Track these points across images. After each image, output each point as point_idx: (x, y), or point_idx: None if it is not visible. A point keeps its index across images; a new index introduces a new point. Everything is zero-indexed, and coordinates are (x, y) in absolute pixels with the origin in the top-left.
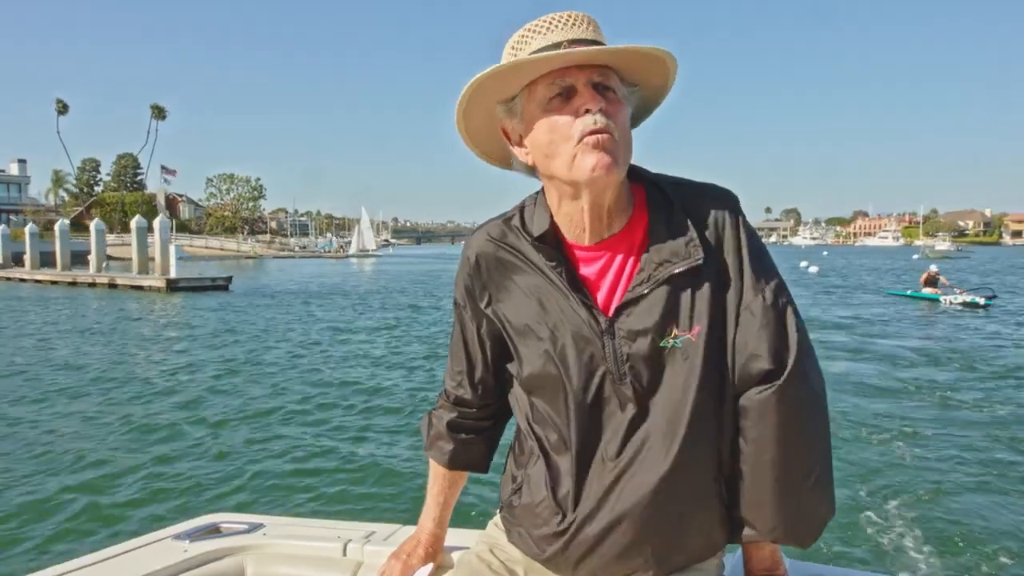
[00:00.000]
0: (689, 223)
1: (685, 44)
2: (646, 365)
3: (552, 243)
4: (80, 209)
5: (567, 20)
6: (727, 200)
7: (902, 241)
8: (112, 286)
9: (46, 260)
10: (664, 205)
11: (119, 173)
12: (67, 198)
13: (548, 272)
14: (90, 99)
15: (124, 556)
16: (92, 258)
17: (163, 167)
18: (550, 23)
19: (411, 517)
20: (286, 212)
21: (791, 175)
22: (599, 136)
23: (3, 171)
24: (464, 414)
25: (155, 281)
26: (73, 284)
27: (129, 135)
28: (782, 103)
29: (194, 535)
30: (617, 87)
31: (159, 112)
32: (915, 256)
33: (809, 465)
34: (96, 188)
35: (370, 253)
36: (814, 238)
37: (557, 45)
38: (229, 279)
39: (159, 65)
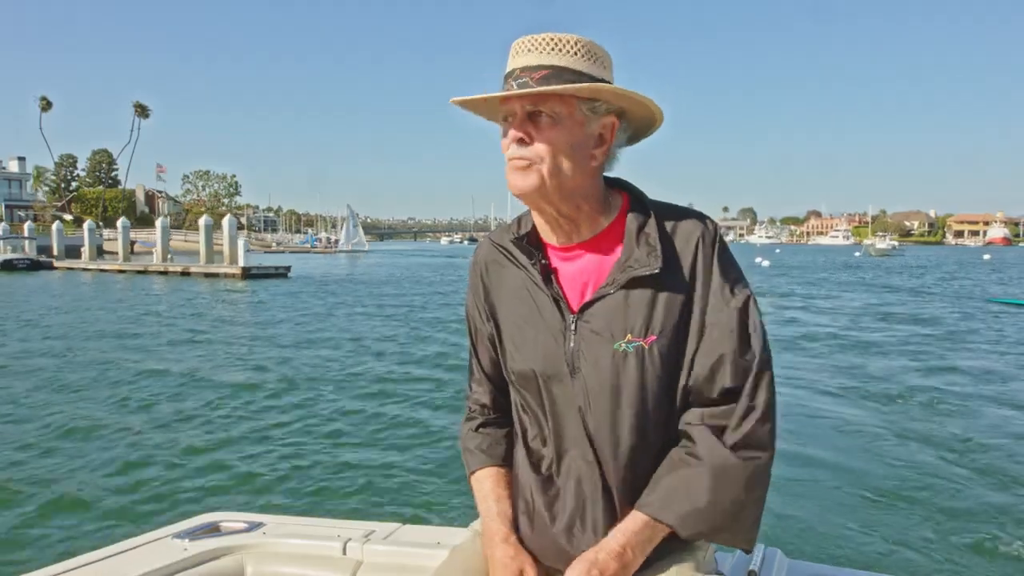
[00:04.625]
0: (657, 236)
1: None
2: (600, 364)
3: (533, 243)
4: (60, 204)
5: (529, 46)
6: (703, 224)
7: (852, 240)
8: (185, 274)
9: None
10: (641, 217)
11: (94, 169)
12: (46, 192)
13: (528, 268)
14: (83, 97)
15: (123, 555)
16: (157, 249)
17: (158, 165)
18: (520, 47)
19: (411, 516)
20: (253, 208)
21: (748, 174)
22: (514, 162)
23: (4, 168)
24: (488, 419)
25: (231, 269)
26: (143, 273)
27: (117, 132)
28: (738, 103)
29: (194, 534)
30: (554, 112)
31: (142, 110)
32: (856, 254)
33: (737, 491)
34: (72, 184)
35: (361, 250)
36: (769, 237)
37: (512, 72)
38: (288, 268)
39: (146, 66)
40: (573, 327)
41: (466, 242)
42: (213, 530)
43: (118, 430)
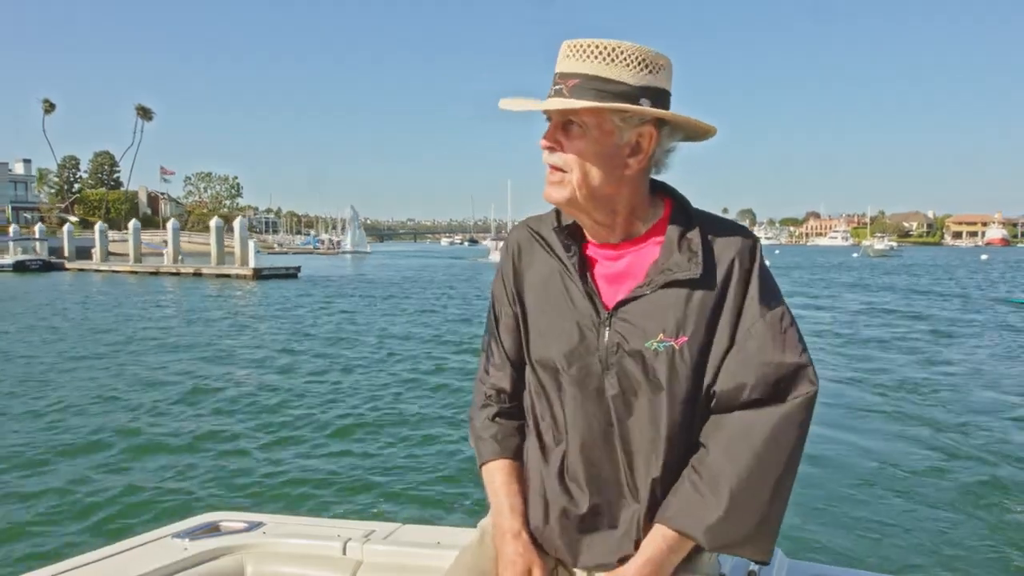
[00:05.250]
0: (699, 243)
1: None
2: (632, 361)
3: (573, 236)
4: (63, 206)
5: (569, 51)
6: (743, 237)
7: (851, 241)
8: (197, 275)
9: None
10: (683, 224)
11: (96, 171)
12: (49, 194)
13: (564, 259)
14: (84, 97)
15: (123, 555)
16: (168, 251)
17: (162, 168)
18: (563, 50)
19: (411, 516)
20: (254, 209)
21: (747, 174)
22: (549, 174)
23: (10, 170)
24: (503, 408)
25: (243, 270)
26: (155, 274)
27: (118, 133)
28: (738, 103)
29: (194, 533)
30: (583, 122)
31: (145, 113)
32: (855, 255)
33: (762, 500)
34: (75, 185)
35: (364, 251)
36: (768, 238)
37: (554, 76)
38: (298, 268)
39: (146, 66)
40: (607, 323)
41: (466, 243)
42: (213, 530)
43: (120, 429)
